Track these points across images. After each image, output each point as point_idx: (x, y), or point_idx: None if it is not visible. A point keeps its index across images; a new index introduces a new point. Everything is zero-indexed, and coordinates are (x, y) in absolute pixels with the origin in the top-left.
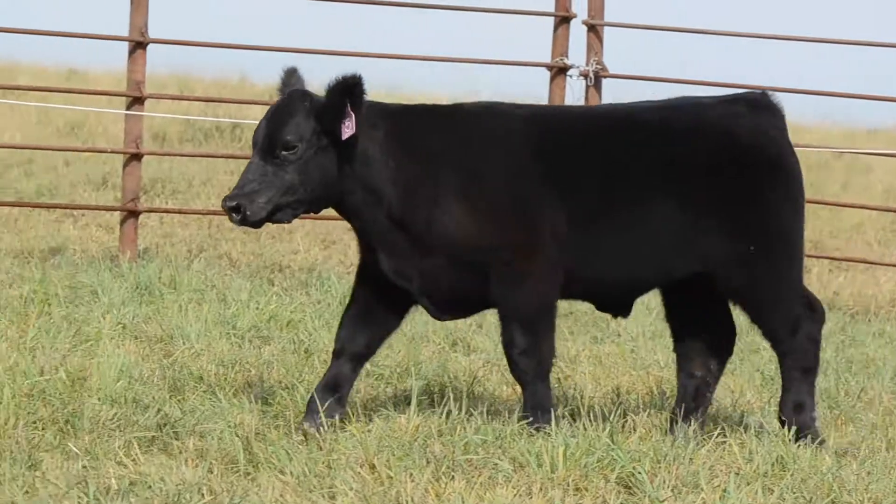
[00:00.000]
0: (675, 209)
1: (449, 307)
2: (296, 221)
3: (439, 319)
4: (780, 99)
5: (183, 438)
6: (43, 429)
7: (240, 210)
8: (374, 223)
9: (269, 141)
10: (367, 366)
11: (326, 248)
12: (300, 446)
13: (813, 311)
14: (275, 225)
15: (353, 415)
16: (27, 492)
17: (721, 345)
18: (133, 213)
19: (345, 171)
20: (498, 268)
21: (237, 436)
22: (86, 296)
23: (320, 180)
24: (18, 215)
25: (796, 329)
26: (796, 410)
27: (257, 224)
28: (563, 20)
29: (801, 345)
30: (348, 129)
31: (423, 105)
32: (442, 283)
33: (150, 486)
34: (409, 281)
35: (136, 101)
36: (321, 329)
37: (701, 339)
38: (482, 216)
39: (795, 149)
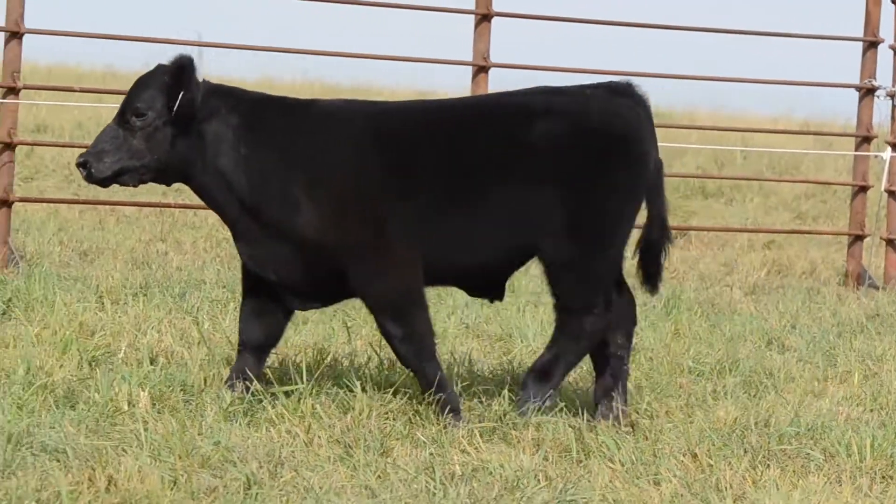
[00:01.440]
0: (517, 188)
1: (307, 298)
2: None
3: (299, 309)
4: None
5: (521, 429)
6: (394, 419)
7: (87, 166)
8: (227, 207)
9: (124, 107)
10: (689, 362)
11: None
12: (627, 436)
13: (606, 309)
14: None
15: (676, 408)
16: (379, 476)
17: (623, 317)
18: None
19: (195, 150)
20: (354, 264)
21: (570, 426)
22: (433, 298)
23: (166, 151)
24: None
25: (584, 316)
26: (541, 379)
27: (103, 182)
28: (871, 45)
29: (577, 333)
30: (180, 107)
31: (281, 97)
32: (297, 274)
33: (490, 472)
34: (265, 269)
35: None
36: (646, 329)
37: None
38: (330, 217)
39: None
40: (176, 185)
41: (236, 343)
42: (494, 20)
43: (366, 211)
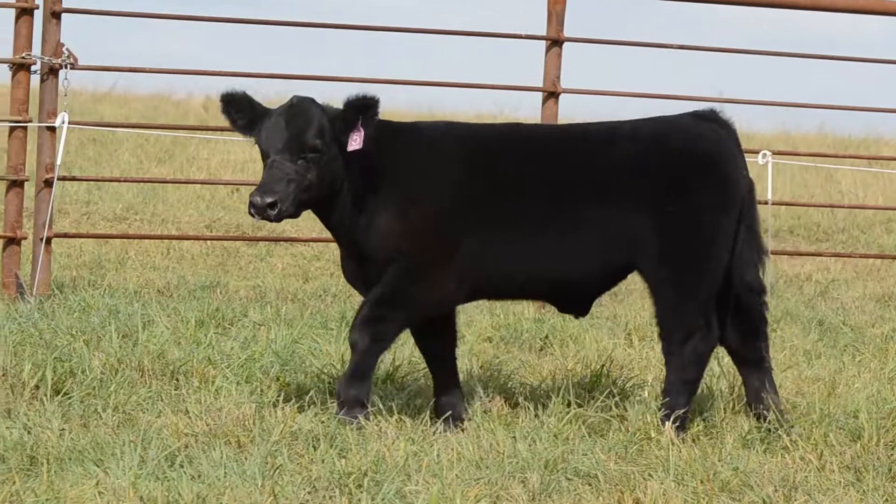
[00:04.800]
0: (608, 209)
1: None
2: None
3: None
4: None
5: None
6: None
7: (275, 206)
8: (340, 227)
9: (294, 142)
10: None
11: None
12: None
13: (709, 329)
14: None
15: None
16: (887, 500)
17: (753, 319)
18: None
19: (340, 179)
20: (401, 262)
21: None
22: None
23: (330, 183)
24: (880, 266)
25: (688, 339)
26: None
27: (283, 219)
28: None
29: (687, 357)
30: (355, 143)
31: (388, 121)
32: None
33: None
34: (359, 285)
35: None
36: None
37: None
38: (402, 218)
39: None
40: None
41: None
42: (565, 45)
43: (436, 226)
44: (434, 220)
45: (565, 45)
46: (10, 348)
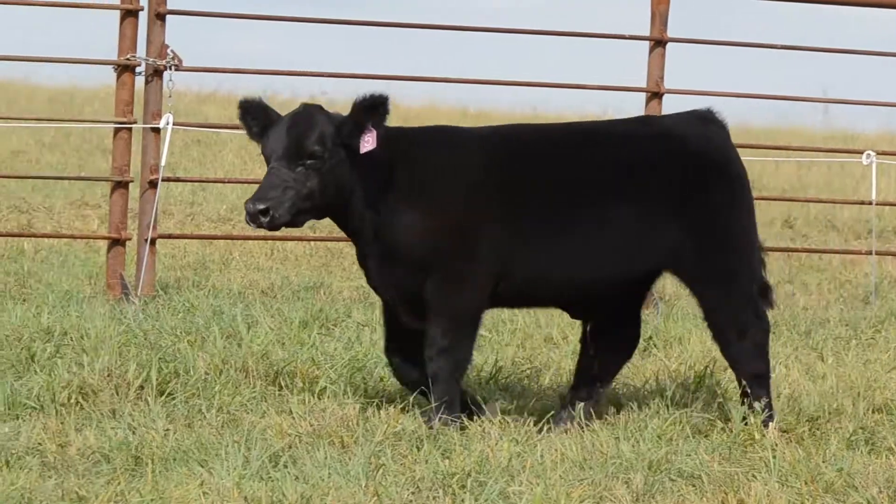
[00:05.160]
0: (632, 212)
1: (417, 315)
2: None
3: (412, 326)
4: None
5: None
6: None
7: (268, 213)
8: (360, 233)
9: (292, 150)
10: None
11: None
12: None
13: (759, 319)
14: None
15: None
16: None
17: (620, 352)
18: None
19: (349, 184)
20: (437, 269)
21: None
22: None
23: (337, 189)
24: None
25: (743, 334)
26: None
27: (278, 228)
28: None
29: (749, 352)
30: (368, 144)
31: (405, 127)
32: (408, 293)
33: None
34: (388, 291)
35: None
36: None
37: (608, 334)
38: (430, 222)
39: None
40: None
41: (865, 377)
42: (668, 45)
43: (464, 229)
44: (457, 219)
45: (668, 45)
46: (115, 349)
